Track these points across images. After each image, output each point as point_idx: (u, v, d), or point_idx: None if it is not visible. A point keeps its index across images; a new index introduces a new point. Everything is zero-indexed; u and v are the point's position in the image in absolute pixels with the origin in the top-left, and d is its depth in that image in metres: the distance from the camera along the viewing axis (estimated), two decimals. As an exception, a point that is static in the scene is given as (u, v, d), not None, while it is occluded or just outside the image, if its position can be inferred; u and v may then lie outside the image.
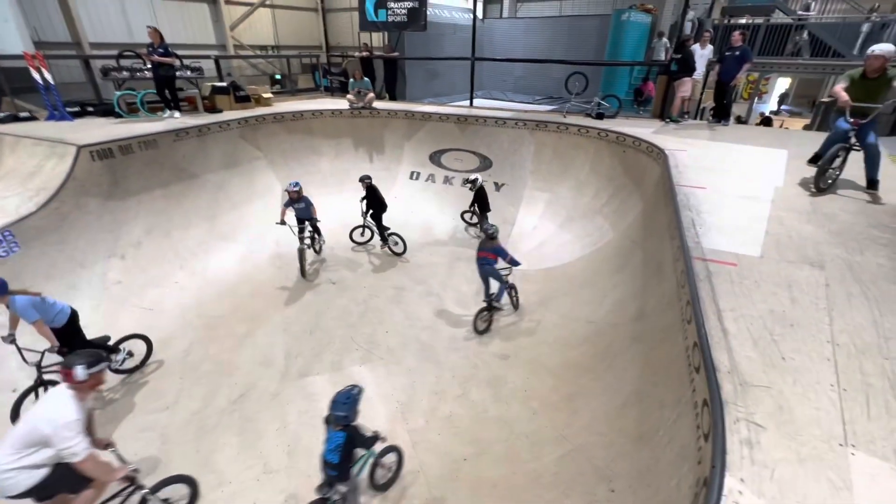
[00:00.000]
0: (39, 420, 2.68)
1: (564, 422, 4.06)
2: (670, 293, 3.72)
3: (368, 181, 7.67)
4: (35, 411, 2.78)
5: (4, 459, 2.62)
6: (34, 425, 2.68)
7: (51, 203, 5.71)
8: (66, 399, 2.73)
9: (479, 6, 12.35)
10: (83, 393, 2.82)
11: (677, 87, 8.54)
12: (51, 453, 2.69)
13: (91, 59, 9.98)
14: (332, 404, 3.08)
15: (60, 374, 2.81)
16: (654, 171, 6.50)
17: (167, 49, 8.21)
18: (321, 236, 7.62)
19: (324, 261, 7.78)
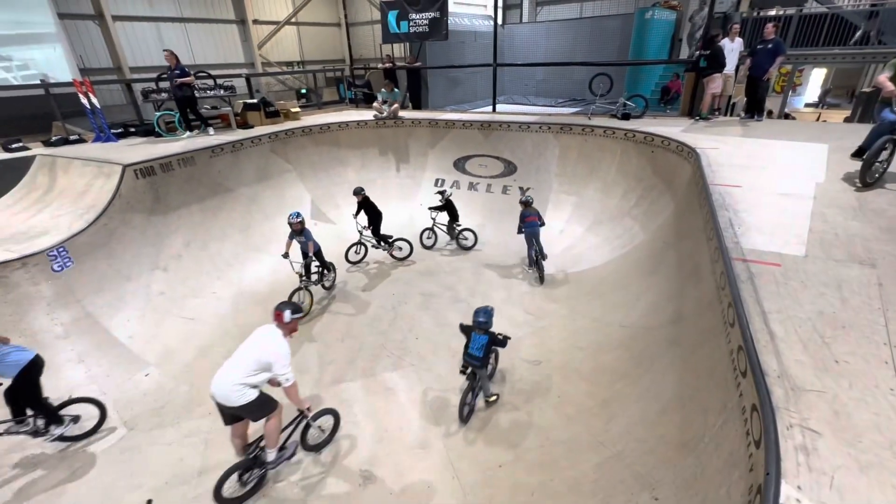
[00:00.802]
0: (264, 349, 3.45)
1: (601, 428, 3.99)
2: (709, 295, 3.62)
3: (363, 193, 7.53)
4: (258, 343, 3.52)
5: (240, 374, 3.38)
6: (260, 353, 3.44)
7: (99, 220, 6.05)
8: (279, 336, 3.52)
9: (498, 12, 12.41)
10: (287, 333, 3.57)
11: (707, 83, 8.33)
12: (266, 377, 3.48)
13: (132, 83, 10.55)
14: (476, 315, 4.37)
15: (273, 315, 3.59)
16: (686, 170, 6.35)
17: (184, 70, 8.51)
18: (332, 272, 7.14)
19: (366, 263, 7.98)
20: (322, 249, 6.72)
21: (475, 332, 4.36)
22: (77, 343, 5.20)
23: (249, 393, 3.44)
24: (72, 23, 13.17)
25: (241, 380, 3.38)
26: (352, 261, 7.90)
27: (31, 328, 5.03)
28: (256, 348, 3.49)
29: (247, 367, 3.41)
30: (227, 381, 3.38)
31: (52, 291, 5.27)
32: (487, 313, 4.37)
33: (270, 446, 3.78)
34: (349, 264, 7.91)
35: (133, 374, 5.29)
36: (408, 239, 8.06)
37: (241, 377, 3.38)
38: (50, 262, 5.31)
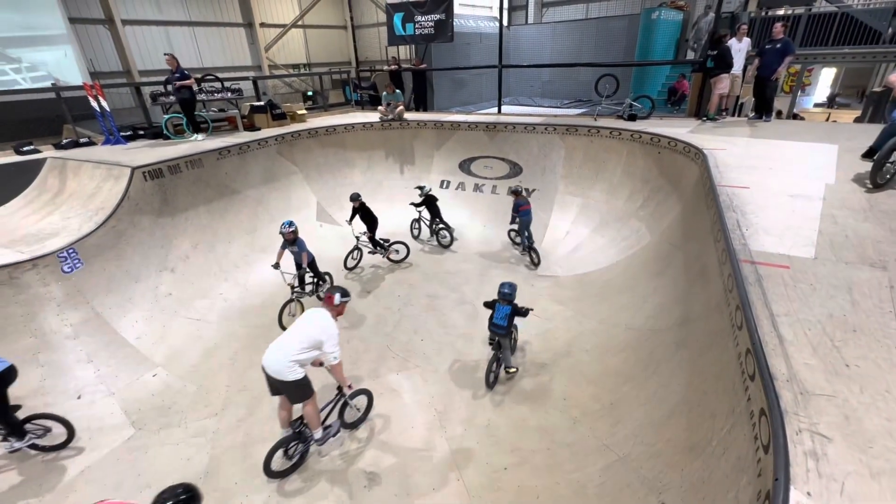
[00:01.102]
0: (315, 329, 3.73)
1: (607, 431, 3.96)
2: (717, 297, 3.59)
3: (360, 200, 7.50)
4: (310, 323, 3.80)
5: (293, 351, 3.64)
6: (312, 332, 3.73)
7: (108, 221, 6.11)
8: (329, 317, 3.82)
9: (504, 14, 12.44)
10: (335, 315, 3.86)
11: (714, 84, 8.28)
12: (314, 355, 3.77)
13: (141, 86, 10.66)
14: (501, 287, 4.85)
15: (325, 298, 3.92)
16: (693, 171, 6.30)
17: (184, 73, 8.54)
18: (326, 282, 6.91)
19: (362, 269, 7.95)
20: (316, 259, 6.57)
21: (499, 303, 4.84)
22: (86, 343, 5.26)
23: (298, 371, 3.71)
24: (82, 27, 13.34)
25: (294, 356, 3.64)
26: (349, 267, 7.84)
27: (41, 329, 5.09)
28: (309, 328, 3.77)
29: (299, 345, 3.67)
30: (281, 357, 3.65)
31: (62, 292, 5.33)
32: (511, 286, 4.85)
33: (314, 427, 4.10)
34: (347, 271, 7.83)
35: (141, 374, 5.33)
36: (405, 242, 8.09)
37: (294, 354, 3.64)
38: (60, 263, 5.38)
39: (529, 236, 7.56)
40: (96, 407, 4.88)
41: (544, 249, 7.94)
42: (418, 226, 9.05)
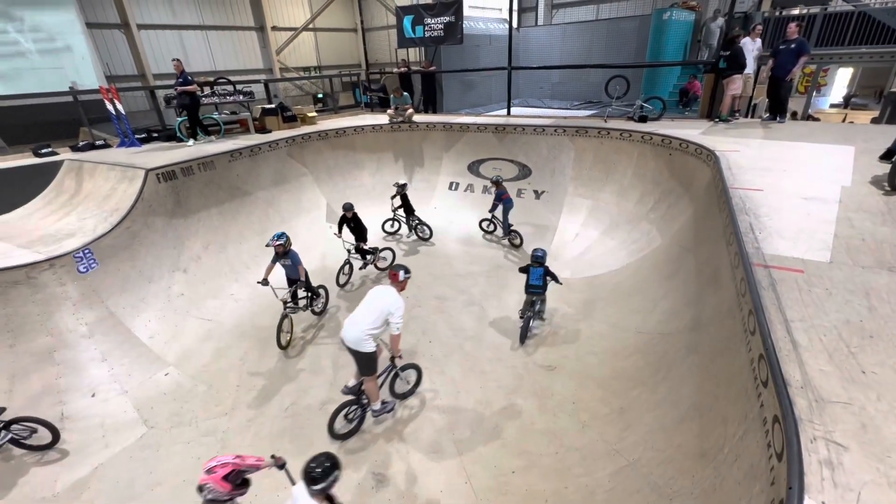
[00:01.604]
0: (384, 302, 4.15)
1: (617, 436, 3.92)
2: (729, 302, 3.53)
3: (353, 209, 7.20)
4: (380, 298, 4.21)
5: (368, 324, 4.08)
6: (384, 305, 4.14)
7: (123, 222, 6.22)
8: (395, 292, 4.24)
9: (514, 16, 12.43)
10: (399, 290, 4.28)
11: (727, 84, 8.17)
12: (383, 329, 4.19)
13: (156, 90, 10.84)
14: (534, 251, 5.70)
15: (389, 274, 4.37)
16: (705, 173, 6.23)
17: (187, 78, 8.64)
18: (321, 297, 6.61)
19: (363, 283, 7.94)
20: (323, 260, 6.67)
21: (532, 266, 5.63)
22: (101, 342, 5.35)
23: (371, 344, 4.14)
24: (99, 32, 13.61)
25: (368, 329, 4.09)
26: (341, 283, 7.39)
27: (57, 327, 5.19)
28: (379, 302, 4.20)
29: (373, 319, 4.11)
30: (358, 330, 4.09)
31: (77, 292, 5.43)
32: (544, 251, 5.71)
33: (374, 400, 4.51)
34: (339, 288, 7.39)
35: (153, 373, 5.41)
36: (390, 248, 8.10)
37: (369, 327, 4.09)
38: (76, 263, 5.48)
39: (506, 222, 8.23)
40: (110, 405, 4.96)
41: (553, 252, 7.89)
42: (395, 223, 9.24)
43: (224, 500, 2.54)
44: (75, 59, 12.62)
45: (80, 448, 4.52)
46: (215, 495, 2.52)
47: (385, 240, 9.08)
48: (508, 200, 8.07)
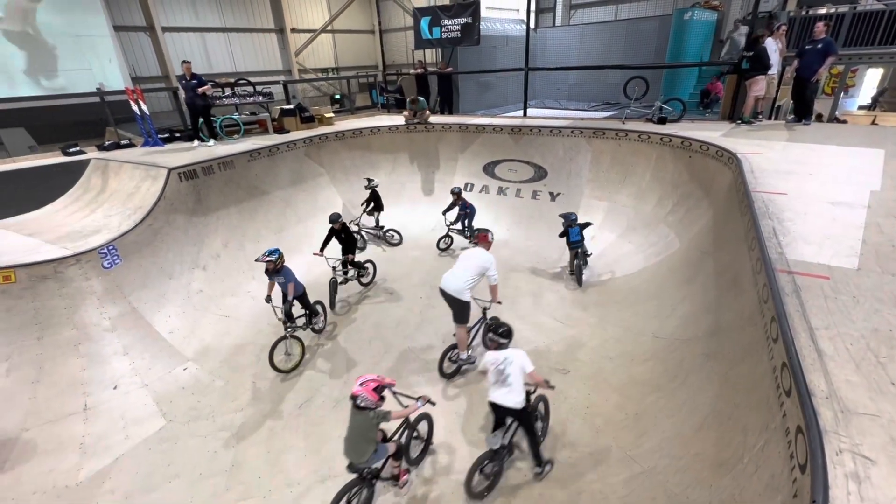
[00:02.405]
0: (480, 260, 4.88)
1: (632, 442, 3.86)
2: (750, 308, 3.45)
3: (340, 221, 6.75)
4: (475, 257, 4.91)
5: (467, 277, 4.83)
6: (480, 262, 4.87)
7: (146, 220, 6.38)
8: (486, 251, 5.02)
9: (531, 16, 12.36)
10: (487, 248, 5.09)
11: (750, 85, 7.99)
12: (478, 282, 4.92)
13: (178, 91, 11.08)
14: (568, 216, 7.06)
15: (479, 238, 5.15)
16: (726, 176, 6.10)
17: (201, 80, 8.76)
18: (319, 315, 6.27)
19: (376, 283, 7.98)
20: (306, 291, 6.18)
21: (570, 227, 6.93)
22: (123, 336, 5.49)
23: (468, 294, 4.87)
24: (125, 34, 14.02)
25: (468, 281, 4.82)
26: (333, 302, 6.88)
27: (82, 321, 5.35)
28: (476, 260, 4.91)
29: (472, 273, 4.84)
30: (459, 281, 4.83)
31: (101, 287, 5.59)
32: (574, 213, 7.19)
33: (462, 348, 5.26)
34: (331, 310, 6.81)
35: (173, 367, 5.53)
36: (372, 260, 7.69)
37: (468, 280, 4.81)
38: (101, 259, 5.64)
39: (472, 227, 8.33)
40: (131, 398, 5.09)
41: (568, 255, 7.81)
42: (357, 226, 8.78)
43: (371, 408, 3.30)
44: (103, 61, 13.01)
45: (101, 439, 4.65)
46: (367, 403, 3.29)
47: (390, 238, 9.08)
48: (472, 208, 8.29)
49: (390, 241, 8.95)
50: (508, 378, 3.58)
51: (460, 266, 4.96)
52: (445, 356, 5.31)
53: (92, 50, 12.79)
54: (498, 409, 3.67)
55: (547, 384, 3.74)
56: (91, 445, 4.57)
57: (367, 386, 3.30)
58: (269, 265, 5.40)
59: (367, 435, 3.34)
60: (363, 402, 3.29)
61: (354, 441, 3.36)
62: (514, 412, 3.62)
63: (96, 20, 12.73)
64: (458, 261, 5.04)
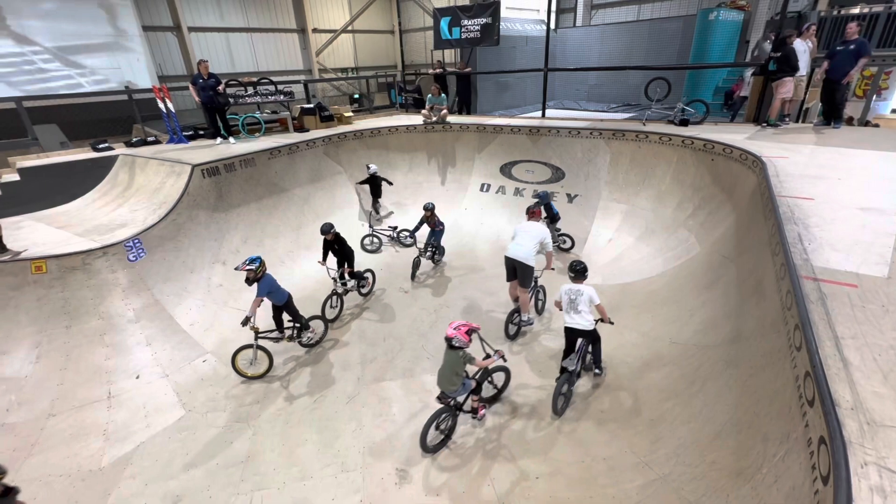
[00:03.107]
0: (537, 232, 5.65)
1: (647, 448, 3.81)
2: (773, 315, 3.36)
3: (333, 231, 6.45)
4: (533, 230, 5.67)
5: (530, 246, 5.55)
6: (536, 233, 5.63)
7: (170, 215, 6.55)
8: (540, 223, 5.89)
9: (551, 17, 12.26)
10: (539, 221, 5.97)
11: (776, 87, 7.79)
12: (538, 249, 5.63)
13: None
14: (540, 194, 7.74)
15: (531, 213, 5.96)
16: (749, 180, 5.95)
17: (217, 79, 8.90)
18: (309, 329, 5.89)
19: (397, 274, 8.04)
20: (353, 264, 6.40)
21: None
22: (146, 327, 5.66)
23: (533, 260, 5.59)
24: (153, 34, 14.40)
25: (531, 249, 5.55)
26: (330, 319, 6.49)
27: (108, 312, 5.53)
28: (535, 232, 5.66)
29: (534, 243, 5.57)
30: (524, 250, 5.55)
31: (126, 279, 5.77)
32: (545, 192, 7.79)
33: (524, 311, 5.86)
34: (330, 323, 6.46)
35: (193, 359, 5.67)
36: (371, 270, 7.39)
37: (531, 248, 5.55)
38: (126, 252, 5.82)
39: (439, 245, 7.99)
40: (152, 387, 5.24)
41: (585, 255, 7.75)
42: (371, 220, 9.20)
43: (463, 347, 3.93)
44: (131, 60, 13.39)
45: (124, 426, 4.79)
46: (460, 343, 3.89)
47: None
48: (442, 226, 7.85)
49: (403, 241, 8.98)
50: (579, 306, 4.53)
51: (523, 238, 5.68)
52: (509, 320, 5.83)
53: (121, 49, 13.18)
54: (572, 332, 4.62)
55: (609, 321, 4.65)
56: (114, 432, 4.71)
57: (460, 329, 3.91)
58: (249, 274, 5.14)
59: (456, 370, 4.00)
60: (457, 343, 3.90)
61: (446, 375, 4.05)
62: (586, 333, 4.57)
63: (127, 21, 13.12)
64: (518, 234, 5.76)
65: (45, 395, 4.91)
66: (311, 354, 5.97)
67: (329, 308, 6.52)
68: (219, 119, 9.14)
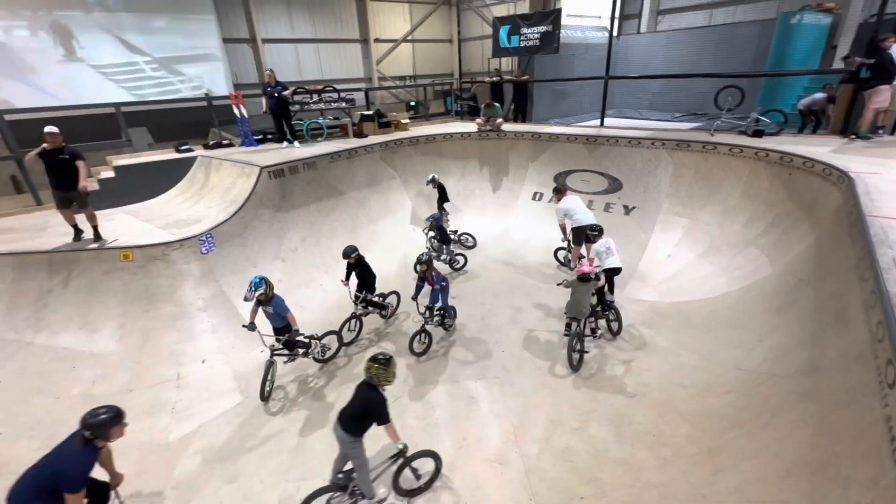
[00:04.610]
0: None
1: (704, 479, 3.56)
2: (860, 347, 3.04)
3: (355, 255, 6.20)
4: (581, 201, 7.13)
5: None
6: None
7: (238, 213, 7.04)
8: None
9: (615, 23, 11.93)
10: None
11: (869, 96, 7.08)
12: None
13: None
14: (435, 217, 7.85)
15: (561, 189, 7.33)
16: (833, 197, 5.45)
17: (284, 86, 9.36)
18: (315, 348, 5.63)
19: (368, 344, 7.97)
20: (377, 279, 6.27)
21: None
22: (213, 316, 6.09)
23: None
24: (231, 46, 15.61)
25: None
26: (346, 342, 6.22)
27: (181, 300, 6.02)
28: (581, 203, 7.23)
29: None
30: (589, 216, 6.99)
31: (198, 270, 6.25)
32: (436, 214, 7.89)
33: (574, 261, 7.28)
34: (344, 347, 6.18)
35: (252, 349, 6.01)
36: (397, 291, 6.92)
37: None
38: (200, 245, 6.32)
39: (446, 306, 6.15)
40: (215, 372, 5.62)
41: (640, 272, 7.41)
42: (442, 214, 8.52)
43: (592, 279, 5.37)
44: (212, 69, 14.59)
45: (189, 406, 5.17)
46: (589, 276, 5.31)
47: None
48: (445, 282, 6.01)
49: (465, 244, 9.04)
50: (612, 251, 6.02)
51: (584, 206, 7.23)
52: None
53: (205, 60, 14.41)
54: (611, 271, 5.98)
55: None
56: (180, 411, 5.10)
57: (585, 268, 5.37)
58: (260, 297, 4.95)
59: (586, 297, 5.34)
60: (585, 276, 5.27)
61: (578, 303, 5.32)
62: (620, 269, 6.06)
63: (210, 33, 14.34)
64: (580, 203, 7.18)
65: (125, 372, 5.42)
66: (359, 353, 6.13)
67: (347, 331, 6.28)
68: (285, 124, 9.70)
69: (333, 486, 3.73)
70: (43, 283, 5.86)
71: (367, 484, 3.66)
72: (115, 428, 3.08)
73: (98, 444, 3.08)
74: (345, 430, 3.45)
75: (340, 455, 3.72)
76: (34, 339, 5.57)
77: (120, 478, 3.49)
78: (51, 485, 2.85)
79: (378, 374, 3.45)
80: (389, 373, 3.48)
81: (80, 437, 2.98)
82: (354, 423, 3.45)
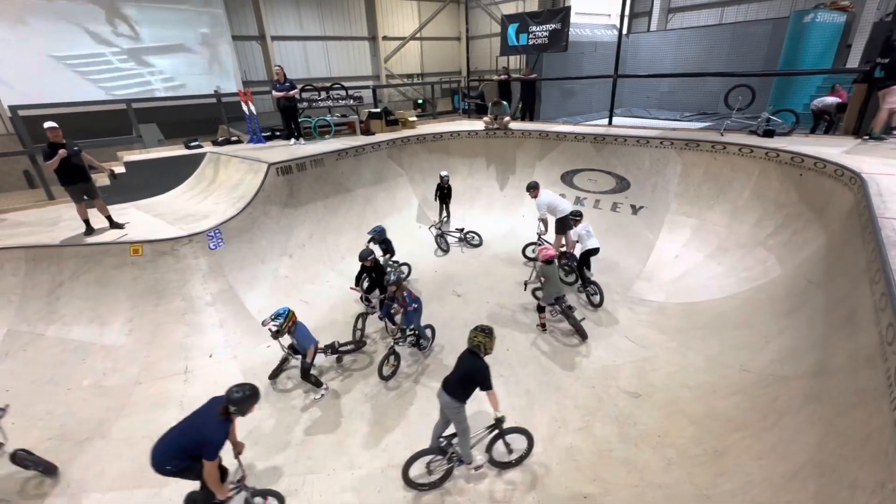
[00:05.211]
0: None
1: (709, 480, 3.54)
2: (869, 350, 3.01)
3: (371, 258, 6.14)
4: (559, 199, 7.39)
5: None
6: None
7: (246, 209, 7.09)
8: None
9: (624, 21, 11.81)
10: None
11: (883, 97, 6.97)
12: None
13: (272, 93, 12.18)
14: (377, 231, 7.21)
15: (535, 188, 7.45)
16: (845, 198, 5.38)
17: (293, 84, 9.37)
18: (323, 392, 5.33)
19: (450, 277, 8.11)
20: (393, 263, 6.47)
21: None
22: (220, 311, 6.15)
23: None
24: (241, 43, 15.72)
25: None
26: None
27: (189, 294, 6.09)
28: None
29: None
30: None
31: (207, 265, 6.31)
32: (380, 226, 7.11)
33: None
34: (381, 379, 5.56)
35: (258, 343, 6.07)
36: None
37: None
38: (208, 241, 6.37)
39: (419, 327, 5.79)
40: (222, 366, 5.68)
41: (647, 272, 7.38)
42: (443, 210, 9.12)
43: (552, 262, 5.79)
44: (222, 66, 14.71)
45: (196, 400, 5.15)
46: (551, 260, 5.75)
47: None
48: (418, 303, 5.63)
49: (471, 242, 9.10)
50: (591, 233, 6.64)
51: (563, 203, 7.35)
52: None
53: (214, 57, 14.52)
54: (590, 251, 6.59)
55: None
56: (188, 404, 5.12)
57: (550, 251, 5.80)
58: (284, 327, 4.86)
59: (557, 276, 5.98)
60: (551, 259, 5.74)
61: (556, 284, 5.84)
62: (598, 249, 6.61)
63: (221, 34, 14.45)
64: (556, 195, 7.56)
65: (134, 365, 5.49)
66: (364, 349, 6.16)
67: (357, 331, 6.27)
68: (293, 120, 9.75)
69: (434, 450, 3.95)
70: (55, 277, 5.95)
71: (466, 449, 3.88)
72: (254, 405, 3.34)
73: (234, 416, 3.30)
74: (450, 395, 3.65)
75: (441, 421, 3.94)
76: (46, 332, 5.67)
77: (241, 447, 3.74)
78: (193, 449, 3.17)
79: (483, 343, 3.70)
80: (492, 341, 3.75)
81: (224, 409, 3.22)
82: (459, 388, 3.66)
